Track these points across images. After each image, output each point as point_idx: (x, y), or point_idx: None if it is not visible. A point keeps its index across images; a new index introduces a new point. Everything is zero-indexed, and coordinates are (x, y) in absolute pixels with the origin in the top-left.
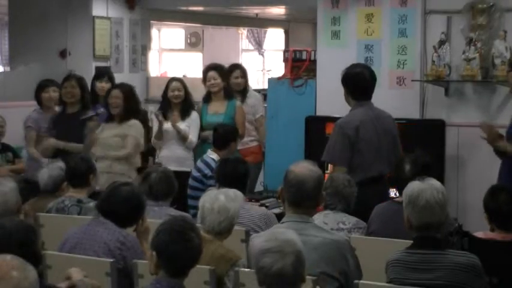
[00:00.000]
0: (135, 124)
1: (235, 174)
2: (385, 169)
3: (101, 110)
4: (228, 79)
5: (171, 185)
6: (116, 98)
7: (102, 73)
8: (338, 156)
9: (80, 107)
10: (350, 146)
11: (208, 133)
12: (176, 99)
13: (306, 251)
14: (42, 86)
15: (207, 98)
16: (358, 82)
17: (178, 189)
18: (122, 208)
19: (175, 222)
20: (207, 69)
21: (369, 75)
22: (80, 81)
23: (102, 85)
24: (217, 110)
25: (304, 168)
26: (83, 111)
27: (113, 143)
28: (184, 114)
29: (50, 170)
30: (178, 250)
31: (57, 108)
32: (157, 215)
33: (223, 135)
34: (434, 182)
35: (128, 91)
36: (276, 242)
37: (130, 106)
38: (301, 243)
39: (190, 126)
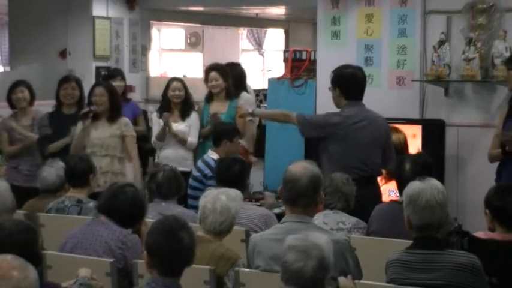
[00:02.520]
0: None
1: (230, 174)
2: (363, 168)
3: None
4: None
5: (179, 184)
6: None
7: (115, 73)
8: (308, 118)
9: (77, 108)
10: (323, 127)
11: (208, 129)
12: (177, 99)
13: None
14: (10, 88)
15: (209, 98)
16: (352, 82)
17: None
18: (127, 208)
19: (166, 222)
20: (208, 70)
21: (361, 76)
22: (79, 82)
23: (117, 84)
24: (219, 110)
25: (299, 166)
26: (79, 112)
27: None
28: (184, 114)
29: (57, 170)
30: (168, 251)
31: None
32: (164, 211)
33: (217, 133)
34: (434, 182)
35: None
36: (305, 242)
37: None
38: (331, 251)
39: (190, 126)
